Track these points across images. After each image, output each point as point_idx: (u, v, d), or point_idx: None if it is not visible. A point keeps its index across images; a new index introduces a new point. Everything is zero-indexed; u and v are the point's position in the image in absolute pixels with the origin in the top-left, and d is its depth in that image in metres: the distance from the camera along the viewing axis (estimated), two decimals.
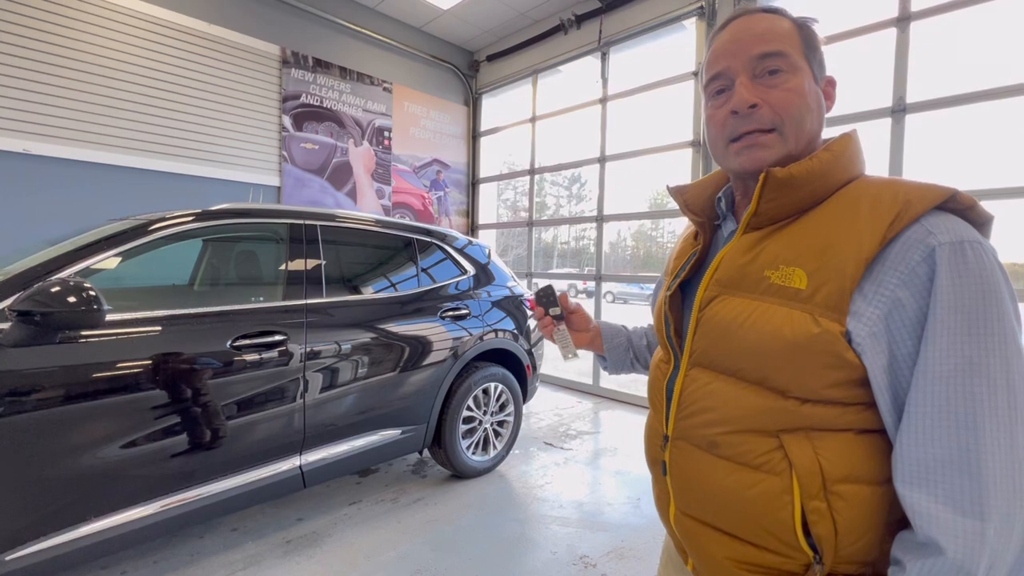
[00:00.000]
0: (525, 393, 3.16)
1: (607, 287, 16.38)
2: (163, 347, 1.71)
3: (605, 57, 4.79)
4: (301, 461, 2.08)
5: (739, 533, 0.63)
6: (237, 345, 1.87)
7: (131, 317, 1.69)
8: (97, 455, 1.58)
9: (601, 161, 4.85)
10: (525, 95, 5.68)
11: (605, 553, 2.16)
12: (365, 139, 5.13)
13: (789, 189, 0.61)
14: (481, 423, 2.85)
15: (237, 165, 4.25)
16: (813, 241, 0.59)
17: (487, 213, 6.39)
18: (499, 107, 6.24)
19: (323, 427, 2.14)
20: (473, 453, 2.83)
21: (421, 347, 2.50)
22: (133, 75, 3.69)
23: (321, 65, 4.74)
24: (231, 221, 2.05)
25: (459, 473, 2.79)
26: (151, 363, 1.67)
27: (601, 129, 4.83)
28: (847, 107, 3.27)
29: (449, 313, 2.67)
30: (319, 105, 4.74)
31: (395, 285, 2.58)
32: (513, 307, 3.06)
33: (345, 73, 4.93)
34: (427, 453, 3.03)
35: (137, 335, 1.68)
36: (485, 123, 6.18)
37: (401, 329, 2.43)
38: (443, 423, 2.64)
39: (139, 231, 1.78)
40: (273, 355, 1.96)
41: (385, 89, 5.27)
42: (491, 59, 5.87)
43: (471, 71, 6.11)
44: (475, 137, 6.21)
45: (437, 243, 2.84)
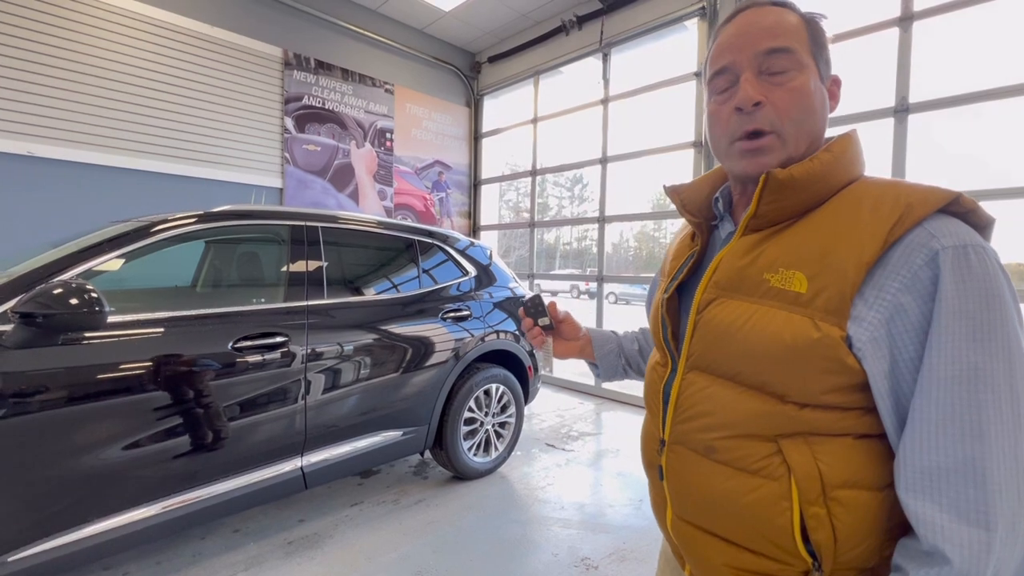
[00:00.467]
0: (527, 394, 3.16)
1: (609, 288, 16.37)
2: (165, 348, 1.71)
3: (606, 58, 4.79)
4: (302, 462, 2.08)
5: (737, 539, 0.62)
6: (239, 346, 1.87)
7: (133, 319, 1.70)
8: (99, 456, 1.58)
9: (603, 162, 4.84)
10: (527, 96, 5.68)
11: (607, 555, 2.16)
12: (367, 141, 5.14)
13: (789, 191, 0.60)
14: (483, 424, 2.85)
15: (239, 167, 4.26)
16: (813, 244, 0.58)
17: (489, 214, 6.39)
18: (501, 108, 6.24)
19: (324, 428, 2.14)
20: (474, 454, 2.82)
21: (423, 348, 2.50)
22: (137, 78, 3.71)
23: (323, 67, 4.75)
24: (233, 223, 2.05)
25: (460, 474, 2.79)
26: (153, 364, 1.68)
27: (603, 130, 4.83)
28: (849, 107, 3.26)
29: (450, 314, 2.67)
30: (321, 107, 4.75)
31: (397, 286, 2.58)
32: (515, 308, 3.06)
33: (347, 75, 4.94)
34: (428, 454, 3.03)
35: (139, 337, 1.68)
36: (487, 124, 6.18)
37: (403, 330, 2.43)
38: (444, 424, 2.64)
39: (142, 233, 1.79)
40: (275, 356, 1.96)
41: (387, 91, 5.28)
42: (493, 60, 5.87)
43: (473, 72, 6.12)
44: (477, 138, 6.21)
45: (439, 244, 2.85)
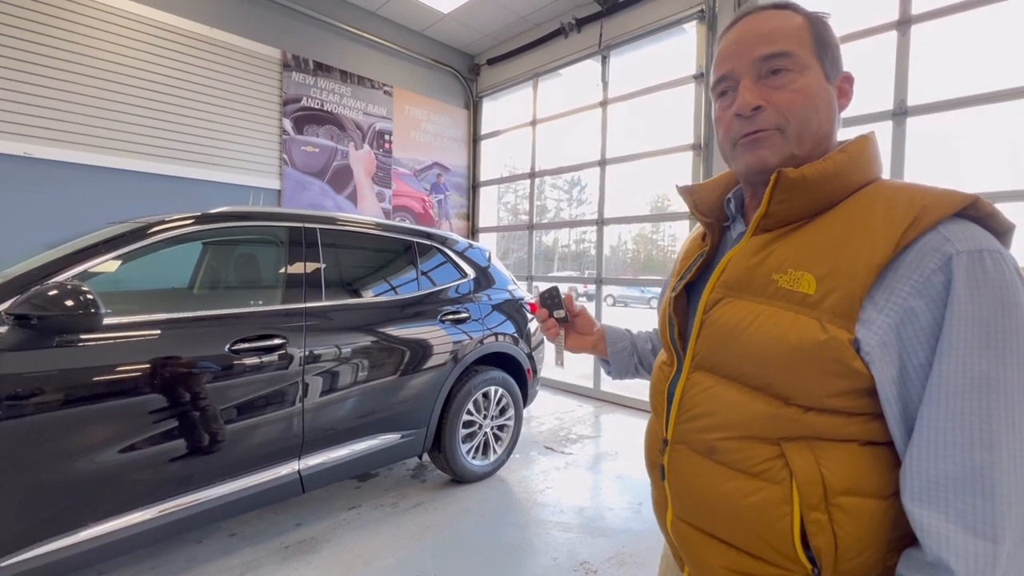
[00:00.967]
0: (525, 397, 3.15)
1: (608, 290, 16.38)
2: (162, 351, 1.70)
3: (605, 60, 4.79)
4: (300, 466, 2.07)
5: (736, 542, 0.62)
6: (236, 349, 1.86)
7: (129, 321, 1.69)
8: (95, 460, 1.56)
9: (602, 164, 4.85)
10: (526, 98, 5.68)
11: (606, 559, 2.15)
12: (366, 142, 5.13)
13: (800, 191, 0.60)
14: (481, 427, 2.84)
15: (237, 168, 4.25)
16: (824, 245, 0.58)
17: (487, 216, 6.38)
18: (500, 110, 6.25)
19: (322, 431, 2.13)
20: (473, 457, 2.81)
21: (421, 351, 2.49)
22: (134, 79, 3.70)
23: (322, 68, 4.75)
24: (231, 224, 2.04)
25: (459, 478, 2.77)
26: (149, 367, 1.66)
27: (602, 132, 4.83)
28: (848, 110, 3.25)
29: (449, 317, 2.66)
30: (320, 108, 4.75)
31: (395, 288, 2.57)
32: (513, 310, 3.05)
33: (346, 76, 4.93)
34: (427, 457, 3.01)
35: (135, 339, 1.67)
36: (486, 126, 6.18)
37: (401, 333, 2.42)
38: (443, 427, 2.63)
39: (138, 234, 1.77)
40: (272, 359, 1.95)
41: (386, 92, 5.28)
42: (492, 63, 5.88)
43: (472, 75, 6.12)
44: (476, 140, 6.21)
45: (437, 246, 2.84)
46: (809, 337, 0.55)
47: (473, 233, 6.25)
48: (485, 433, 2.87)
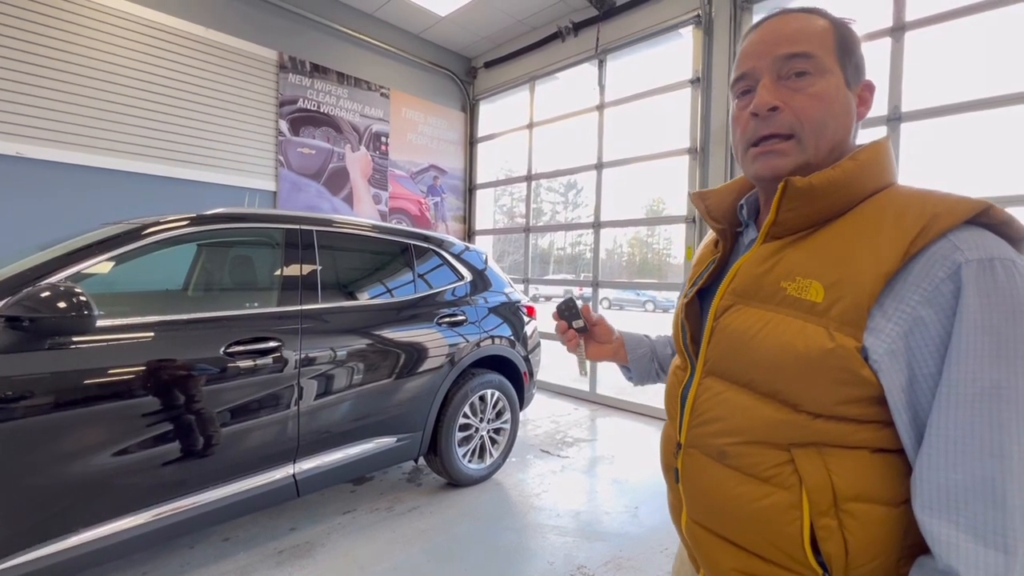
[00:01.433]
0: (522, 400, 3.14)
1: (603, 293, 16.40)
2: (155, 353, 1.68)
3: (602, 64, 4.81)
4: (295, 469, 2.05)
5: (747, 545, 0.62)
6: (231, 351, 1.84)
7: (123, 323, 1.67)
8: (87, 464, 1.54)
9: (598, 168, 4.86)
10: (522, 101, 5.69)
11: (603, 563, 2.14)
12: (362, 144, 5.12)
13: (809, 199, 0.59)
14: (477, 431, 2.83)
15: (233, 169, 4.23)
16: (832, 253, 0.57)
17: (484, 219, 6.38)
18: (496, 113, 6.25)
19: (317, 435, 2.11)
20: (469, 461, 2.80)
21: (417, 354, 2.48)
22: (129, 79, 3.67)
23: (318, 70, 4.74)
24: (226, 226, 2.03)
25: (455, 481, 2.76)
26: (143, 370, 1.64)
27: (598, 136, 4.85)
28: None
29: (445, 319, 2.65)
30: (316, 110, 4.73)
31: (391, 291, 2.56)
32: (510, 313, 3.04)
33: (342, 78, 4.92)
34: (422, 461, 3.00)
35: (129, 341, 1.65)
36: (482, 129, 6.19)
37: (397, 335, 2.41)
38: (439, 431, 2.61)
39: (132, 235, 1.76)
40: (267, 362, 1.93)
41: (383, 94, 5.27)
42: (489, 66, 5.88)
43: (469, 77, 6.13)
44: (472, 143, 6.21)
45: (434, 249, 2.83)
46: (816, 345, 0.55)
47: (469, 236, 6.24)
48: (481, 436, 2.86)
